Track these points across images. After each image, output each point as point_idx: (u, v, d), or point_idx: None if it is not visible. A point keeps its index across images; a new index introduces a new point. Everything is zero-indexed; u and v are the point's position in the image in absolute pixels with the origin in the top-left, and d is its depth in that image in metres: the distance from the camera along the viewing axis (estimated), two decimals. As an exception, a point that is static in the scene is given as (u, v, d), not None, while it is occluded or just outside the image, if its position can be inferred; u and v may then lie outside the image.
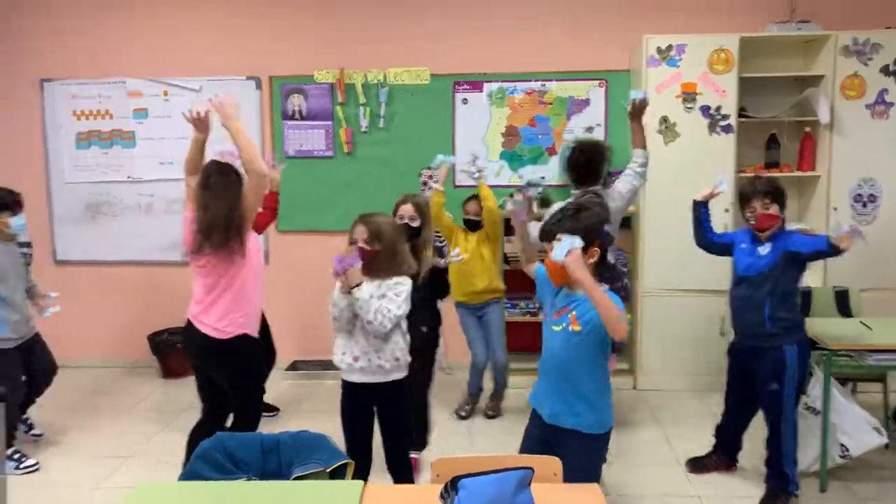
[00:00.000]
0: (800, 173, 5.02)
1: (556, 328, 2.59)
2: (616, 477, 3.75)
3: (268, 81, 5.48)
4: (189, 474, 2.23)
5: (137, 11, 5.51)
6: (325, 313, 4.69)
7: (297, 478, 2.24)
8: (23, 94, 5.62)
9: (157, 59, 5.53)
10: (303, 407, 4.88)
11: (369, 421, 3.14)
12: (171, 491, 2.18)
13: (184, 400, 4.88)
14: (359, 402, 3.10)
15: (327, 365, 5.36)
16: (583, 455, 2.52)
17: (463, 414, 4.64)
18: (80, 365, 5.61)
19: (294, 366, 5.51)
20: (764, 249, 3.38)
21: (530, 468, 1.98)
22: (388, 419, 3.14)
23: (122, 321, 5.72)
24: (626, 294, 3.33)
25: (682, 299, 4.93)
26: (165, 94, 5.55)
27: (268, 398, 4.77)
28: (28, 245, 4.41)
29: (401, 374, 3.09)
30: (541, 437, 2.62)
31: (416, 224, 3.69)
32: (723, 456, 3.83)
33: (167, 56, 5.52)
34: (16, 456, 4.03)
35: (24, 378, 4.09)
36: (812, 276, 4.76)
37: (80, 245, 5.73)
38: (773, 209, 3.37)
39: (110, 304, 5.72)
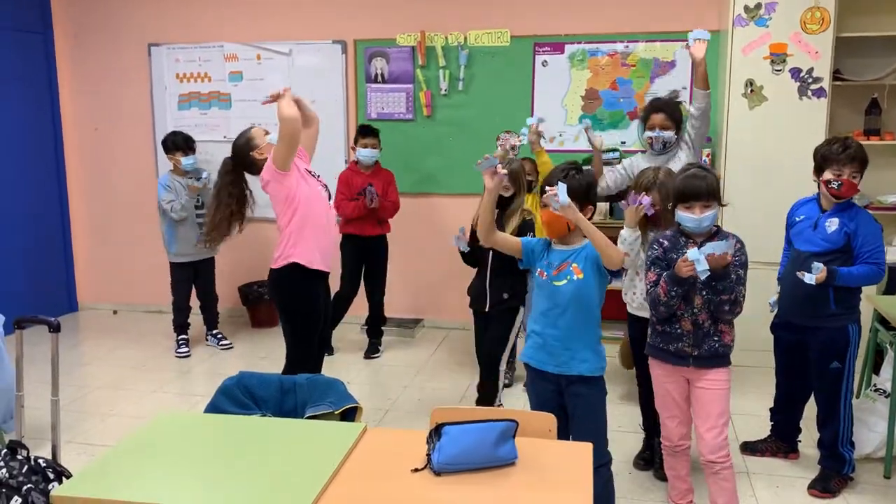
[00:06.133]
0: (903, 141, 4.66)
1: (559, 283, 2.64)
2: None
3: (352, 45, 5.61)
4: (211, 408, 2.40)
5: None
6: (398, 271, 4.80)
7: (310, 417, 2.37)
8: (132, 58, 6.03)
9: (251, 24, 5.77)
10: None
11: None
12: (188, 421, 2.37)
13: (266, 346, 5.30)
14: None
15: (402, 322, 5.57)
16: (594, 397, 2.70)
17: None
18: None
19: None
20: (830, 224, 3.12)
21: (514, 421, 2.01)
22: None
23: (217, 272, 6.07)
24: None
25: (767, 272, 4.69)
26: (259, 57, 5.81)
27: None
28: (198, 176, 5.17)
29: None
30: (555, 390, 2.71)
31: (507, 194, 3.59)
32: (780, 441, 3.63)
33: (260, 21, 5.76)
34: (218, 335, 5.35)
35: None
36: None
37: (181, 200, 6.12)
38: (857, 180, 3.08)
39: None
